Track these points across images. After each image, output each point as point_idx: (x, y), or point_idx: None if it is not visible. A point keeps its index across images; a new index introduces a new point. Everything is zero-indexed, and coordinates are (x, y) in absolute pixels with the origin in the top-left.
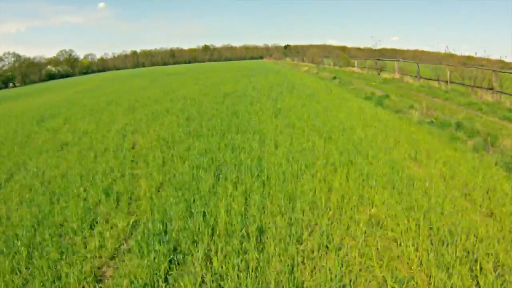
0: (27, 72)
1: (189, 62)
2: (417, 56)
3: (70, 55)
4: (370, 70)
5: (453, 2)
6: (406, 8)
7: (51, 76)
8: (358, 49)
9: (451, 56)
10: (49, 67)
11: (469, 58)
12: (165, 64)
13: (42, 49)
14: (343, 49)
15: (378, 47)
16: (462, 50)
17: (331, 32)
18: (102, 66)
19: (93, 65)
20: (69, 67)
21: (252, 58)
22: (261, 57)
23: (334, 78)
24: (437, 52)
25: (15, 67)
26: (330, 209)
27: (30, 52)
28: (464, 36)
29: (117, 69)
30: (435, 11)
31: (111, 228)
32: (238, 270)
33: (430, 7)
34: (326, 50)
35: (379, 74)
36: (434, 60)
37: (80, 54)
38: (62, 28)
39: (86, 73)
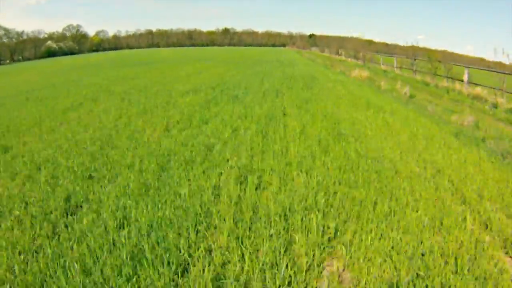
0: (18, 49)
1: (207, 45)
2: (447, 57)
3: (77, 30)
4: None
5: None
6: (435, 4)
7: (51, 53)
8: (386, 44)
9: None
10: (49, 42)
11: (500, 64)
12: (181, 45)
13: (57, 23)
14: (370, 43)
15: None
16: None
17: (354, 25)
18: (115, 44)
19: (105, 43)
20: (75, 44)
21: (273, 45)
22: (284, 45)
23: None
24: (464, 55)
25: (3, 42)
26: None
27: (45, 25)
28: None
29: (130, 48)
30: (462, 9)
31: None
32: None
33: (458, 5)
34: (353, 43)
35: None
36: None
37: (92, 31)
38: (78, 3)
39: (96, 50)
